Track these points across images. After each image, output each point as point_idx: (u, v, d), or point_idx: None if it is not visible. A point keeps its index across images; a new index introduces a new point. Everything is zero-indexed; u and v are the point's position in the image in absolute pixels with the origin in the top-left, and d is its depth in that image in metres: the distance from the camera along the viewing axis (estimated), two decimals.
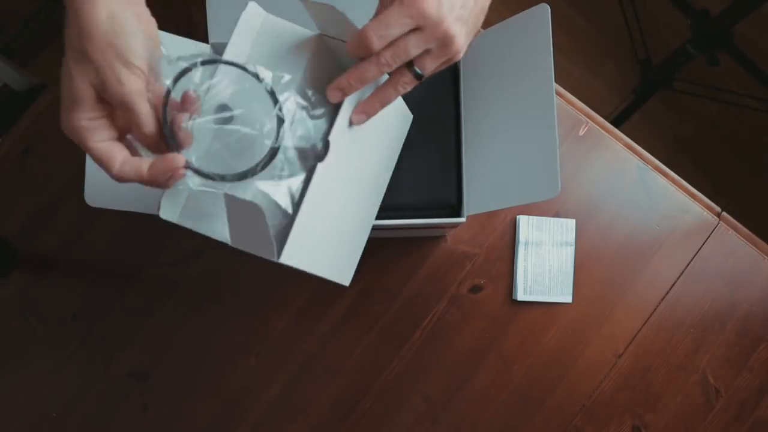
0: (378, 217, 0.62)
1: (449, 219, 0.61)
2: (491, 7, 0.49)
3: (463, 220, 0.61)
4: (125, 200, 0.53)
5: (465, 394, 0.72)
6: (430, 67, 0.46)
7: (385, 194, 0.63)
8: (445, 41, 0.44)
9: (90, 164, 0.51)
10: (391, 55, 0.44)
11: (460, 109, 0.65)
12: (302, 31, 0.49)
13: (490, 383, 0.72)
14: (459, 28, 0.44)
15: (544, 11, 0.54)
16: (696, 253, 0.75)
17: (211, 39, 0.64)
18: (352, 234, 0.54)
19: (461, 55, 0.46)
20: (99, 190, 0.51)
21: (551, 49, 0.53)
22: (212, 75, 0.43)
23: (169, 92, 0.41)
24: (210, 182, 0.42)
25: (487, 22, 0.62)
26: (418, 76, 0.46)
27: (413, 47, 0.44)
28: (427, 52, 0.45)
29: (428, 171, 0.64)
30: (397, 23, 0.42)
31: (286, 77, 0.44)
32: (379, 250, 0.74)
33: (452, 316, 0.73)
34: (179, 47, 0.60)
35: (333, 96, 0.46)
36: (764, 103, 1.48)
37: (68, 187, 0.74)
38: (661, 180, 0.76)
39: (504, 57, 0.60)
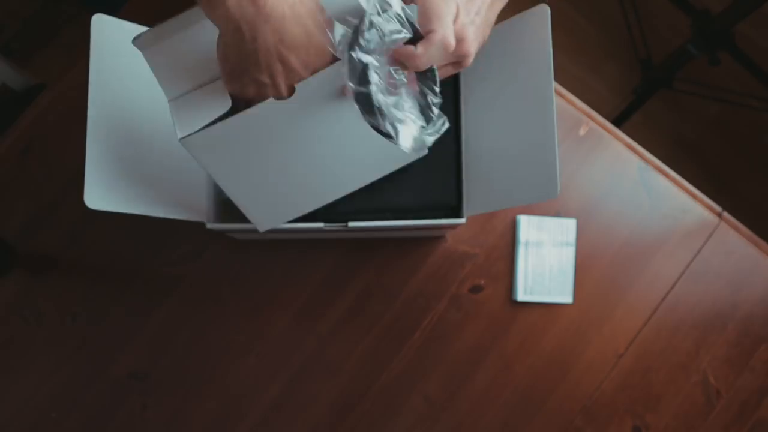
0: (379, 218, 0.62)
1: (449, 220, 0.61)
2: None
3: (463, 220, 0.61)
4: (125, 202, 0.53)
5: (465, 394, 0.72)
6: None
7: (386, 195, 0.63)
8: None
9: (90, 166, 0.50)
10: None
11: (459, 109, 0.65)
12: None
13: (490, 383, 0.72)
14: (471, 31, 0.48)
15: (544, 12, 0.54)
16: (697, 253, 0.75)
17: None
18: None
19: (469, 61, 0.49)
20: (99, 192, 0.50)
21: (551, 49, 0.53)
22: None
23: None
24: None
25: None
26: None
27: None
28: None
29: (428, 172, 0.64)
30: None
31: None
32: (379, 250, 0.74)
33: (452, 316, 0.73)
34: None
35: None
36: (765, 102, 1.48)
37: (68, 187, 0.74)
38: (662, 180, 0.76)
39: (504, 57, 0.59)
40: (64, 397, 0.71)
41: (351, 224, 0.61)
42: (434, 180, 0.64)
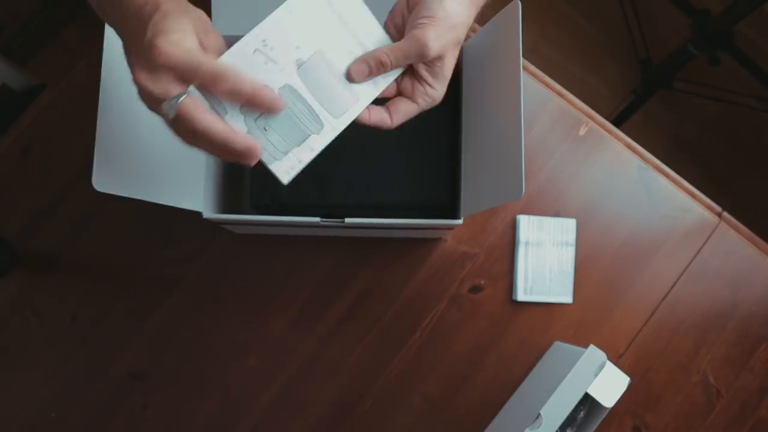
0: (375, 215, 0.62)
1: (446, 221, 0.61)
2: (489, 5, 0.49)
3: (459, 222, 0.61)
4: (133, 187, 0.53)
5: (465, 394, 0.72)
6: None
7: (381, 193, 0.64)
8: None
9: (99, 149, 0.50)
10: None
11: (460, 110, 0.65)
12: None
13: (490, 383, 0.72)
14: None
15: (515, 8, 0.53)
16: (697, 253, 0.75)
17: None
18: None
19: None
20: (107, 175, 0.50)
21: (520, 46, 0.52)
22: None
23: None
24: None
25: (485, 20, 0.62)
26: None
27: None
28: None
29: (424, 172, 0.64)
30: None
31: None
32: (379, 250, 0.74)
33: (452, 316, 0.73)
34: None
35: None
36: (765, 102, 1.48)
37: (68, 187, 0.74)
38: (662, 180, 0.76)
39: (487, 57, 0.60)
40: (64, 397, 0.71)
41: (348, 221, 0.61)
42: (429, 180, 0.64)
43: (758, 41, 1.54)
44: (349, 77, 0.49)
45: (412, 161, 0.64)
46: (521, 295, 0.73)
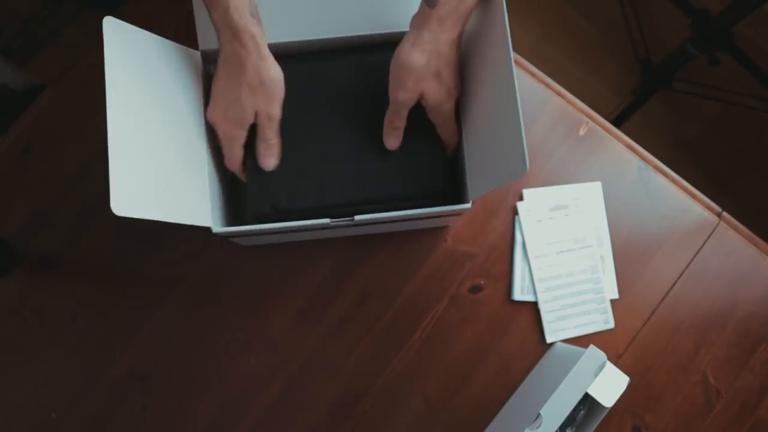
0: (377, 210, 0.62)
1: (455, 206, 0.61)
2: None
3: (468, 206, 0.61)
4: (149, 208, 0.53)
5: (465, 394, 0.72)
6: None
7: (381, 187, 0.64)
8: None
9: (115, 174, 0.50)
10: None
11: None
12: None
13: (490, 383, 0.72)
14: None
15: None
16: (696, 253, 0.75)
17: (201, 46, 0.64)
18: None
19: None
20: (125, 199, 0.51)
21: (507, 28, 0.53)
22: None
23: None
24: None
25: None
26: None
27: None
28: None
29: (423, 163, 0.65)
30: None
31: None
32: (378, 249, 0.74)
33: (452, 316, 0.73)
34: (169, 52, 0.60)
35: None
36: (765, 102, 1.49)
37: (68, 187, 0.74)
38: (662, 180, 0.76)
39: (478, 42, 0.60)
40: (64, 397, 0.71)
41: (357, 218, 0.61)
42: (427, 170, 0.64)
43: (758, 41, 1.55)
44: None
45: (409, 153, 0.64)
46: (521, 295, 0.73)
